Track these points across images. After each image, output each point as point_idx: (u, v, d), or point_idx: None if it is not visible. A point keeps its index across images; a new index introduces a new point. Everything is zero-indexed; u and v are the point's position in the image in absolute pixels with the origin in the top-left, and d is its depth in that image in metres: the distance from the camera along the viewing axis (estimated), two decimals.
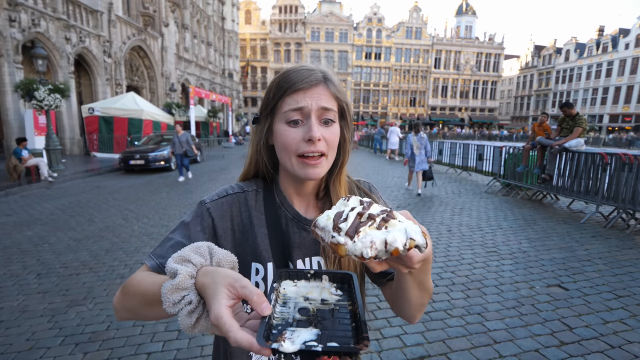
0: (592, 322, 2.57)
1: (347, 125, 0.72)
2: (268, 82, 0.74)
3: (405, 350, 2.24)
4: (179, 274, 0.46)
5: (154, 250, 0.66)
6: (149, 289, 0.54)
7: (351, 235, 0.43)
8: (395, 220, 0.44)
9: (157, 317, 0.57)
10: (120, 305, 0.61)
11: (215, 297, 0.41)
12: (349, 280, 0.54)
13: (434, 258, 3.79)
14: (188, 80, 25.06)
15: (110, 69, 16.25)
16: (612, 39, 40.53)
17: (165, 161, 10.78)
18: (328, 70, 0.70)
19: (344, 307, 0.49)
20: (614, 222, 5.05)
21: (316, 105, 0.65)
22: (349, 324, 0.46)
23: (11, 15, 11.09)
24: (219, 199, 0.72)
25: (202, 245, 0.52)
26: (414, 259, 0.45)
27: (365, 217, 0.44)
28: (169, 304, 0.45)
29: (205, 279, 0.45)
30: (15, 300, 2.88)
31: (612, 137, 32.47)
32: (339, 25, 45.78)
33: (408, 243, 0.42)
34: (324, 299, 0.51)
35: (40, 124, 10.29)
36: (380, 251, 0.42)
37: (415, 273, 0.54)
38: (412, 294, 0.59)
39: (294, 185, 0.73)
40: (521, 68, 53.70)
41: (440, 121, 48.68)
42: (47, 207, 6.11)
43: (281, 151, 0.68)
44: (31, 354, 2.19)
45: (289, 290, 0.52)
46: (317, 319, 0.46)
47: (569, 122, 6.13)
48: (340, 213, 0.46)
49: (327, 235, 0.45)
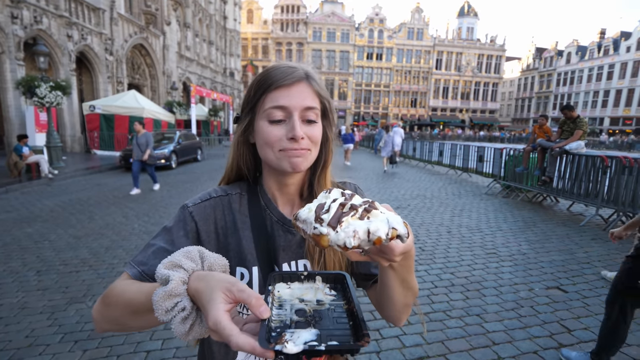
0: (591, 324, 2.57)
1: (330, 123, 0.71)
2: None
3: (404, 351, 2.24)
4: (171, 280, 0.44)
5: (135, 257, 0.63)
6: (134, 297, 0.52)
7: (333, 226, 0.42)
8: (377, 210, 0.44)
9: (141, 327, 0.55)
10: (100, 316, 0.57)
11: (211, 303, 0.40)
12: (342, 280, 0.54)
13: (433, 259, 3.81)
14: (189, 78, 25.06)
15: (111, 67, 16.25)
16: (613, 41, 40.50)
17: (166, 159, 10.79)
18: (310, 68, 0.69)
19: (340, 306, 0.50)
20: (614, 224, 5.05)
21: (299, 104, 0.64)
22: (346, 323, 0.46)
23: (13, 12, 11.09)
24: (202, 202, 0.70)
25: (193, 250, 0.50)
26: (396, 250, 0.45)
27: (347, 208, 0.44)
28: (161, 311, 0.43)
29: (199, 284, 0.44)
30: (15, 297, 2.88)
31: (612, 139, 32.47)
32: (340, 25, 45.76)
33: (390, 232, 0.42)
34: (319, 300, 0.51)
35: (41, 121, 10.30)
36: (363, 240, 0.42)
37: (398, 270, 0.54)
38: (395, 292, 0.58)
39: (277, 183, 0.72)
40: (522, 70, 53.68)
41: (441, 122, 48.66)
42: (48, 204, 6.11)
43: (263, 148, 0.66)
44: (31, 351, 2.20)
45: (283, 292, 0.52)
46: (315, 320, 0.46)
47: (569, 125, 6.13)
48: (322, 205, 0.46)
49: (309, 227, 0.45)
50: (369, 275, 0.73)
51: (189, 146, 12.67)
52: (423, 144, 14.18)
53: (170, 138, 12.04)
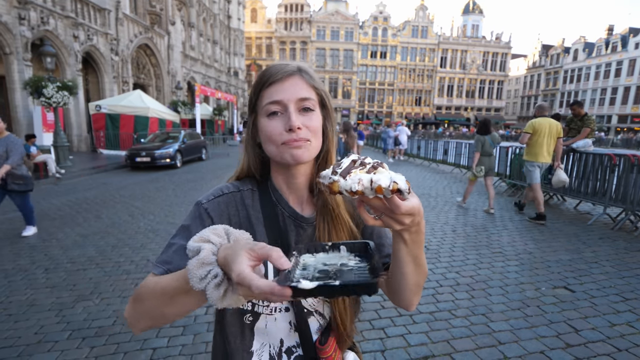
0: (599, 324, 2.54)
1: (329, 114, 0.73)
2: None
3: (409, 350, 2.24)
4: (202, 250, 0.48)
5: (158, 258, 0.65)
6: (168, 284, 0.56)
7: (343, 175, 0.49)
8: (384, 169, 0.50)
9: (177, 313, 0.57)
10: (135, 313, 0.61)
11: (235, 261, 0.44)
12: (365, 249, 0.59)
13: (438, 258, 3.79)
14: (194, 78, 25.17)
15: (117, 67, 16.37)
16: (621, 38, 39.92)
17: (171, 159, 10.86)
18: (303, 64, 0.71)
19: (363, 267, 0.53)
20: (622, 224, 4.99)
21: (293, 96, 0.66)
22: (367, 276, 0.50)
23: (21, 14, 11.21)
24: (215, 198, 0.72)
25: (219, 227, 0.54)
26: (401, 207, 0.48)
27: (358, 164, 0.50)
28: (196, 279, 0.47)
29: (227, 251, 0.48)
30: (24, 294, 2.92)
31: (621, 137, 32.03)
32: (344, 23, 45.64)
33: (391, 185, 0.46)
34: (342, 264, 0.55)
35: (48, 121, 10.41)
36: (367, 188, 0.47)
37: (410, 245, 0.57)
38: (409, 268, 0.60)
39: (285, 179, 0.74)
40: (528, 67, 53.16)
41: (445, 121, 48.38)
42: (55, 203, 6.18)
43: (266, 144, 0.68)
44: (39, 347, 2.23)
45: (308, 260, 0.56)
46: (336, 276, 0.50)
47: (577, 123, 6.07)
48: (339, 162, 0.53)
49: (326, 179, 0.51)
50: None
51: (193, 145, 12.73)
52: (428, 142, 14.11)
53: (175, 137, 12.11)
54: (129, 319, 0.61)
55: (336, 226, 0.72)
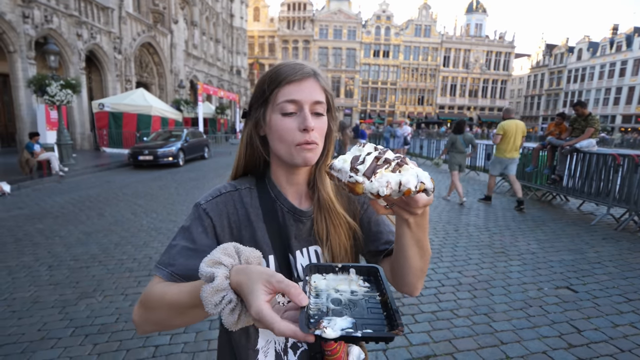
0: (602, 325, 2.53)
1: (332, 116, 0.76)
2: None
3: (411, 349, 2.24)
4: (216, 277, 0.48)
5: (160, 260, 0.66)
6: (177, 298, 0.56)
7: (368, 176, 0.47)
8: (408, 165, 0.48)
9: (186, 323, 0.59)
10: (143, 320, 0.62)
11: (253, 294, 0.44)
12: (375, 273, 0.58)
13: (440, 257, 3.79)
14: (196, 76, 25.21)
15: (120, 65, 16.42)
16: (626, 37, 39.61)
17: (174, 157, 10.88)
18: (315, 66, 0.73)
19: (373, 297, 0.53)
20: (626, 224, 4.96)
21: (309, 98, 0.67)
22: (380, 313, 0.49)
23: (25, 12, 11.26)
24: (213, 199, 0.73)
25: (229, 247, 0.54)
26: (420, 202, 0.49)
27: (381, 161, 0.48)
28: (211, 306, 0.47)
29: (240, 277, 0.48)
30: (28, 291, 2.94)
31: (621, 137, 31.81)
32: (347, 22, 45.54)
33: (419, 185, 0.46)
34: (353, 291, 0.55)
35: (52, 119, 10.45)
36: (394, 191, 0.46)
37: (414, 229, 0.58)
38: (412, 252, 0.61)
39: (286, 174, 0.75)
40: (532, 67, 52.84)
41: (448, 120, 48.18)
42: (58, 201, 6.22)
43: (277, 140, 0.69)
44: (42, 344, 2.24)
45: (319, 283, 0.56)
46: (350, 309, 0.50)
47: (580, 122, 6.02)
48: (357, 157, 0.50)
49: (344, 175, 0.49)
50: (378, 252, 0.77)
51: (196, 144, 12.75)
52: (430, 141, 14.08)
53: (178, 136, 12.13)
54: (136, 321, 0.63)
55: (333, 220, 0.74)
